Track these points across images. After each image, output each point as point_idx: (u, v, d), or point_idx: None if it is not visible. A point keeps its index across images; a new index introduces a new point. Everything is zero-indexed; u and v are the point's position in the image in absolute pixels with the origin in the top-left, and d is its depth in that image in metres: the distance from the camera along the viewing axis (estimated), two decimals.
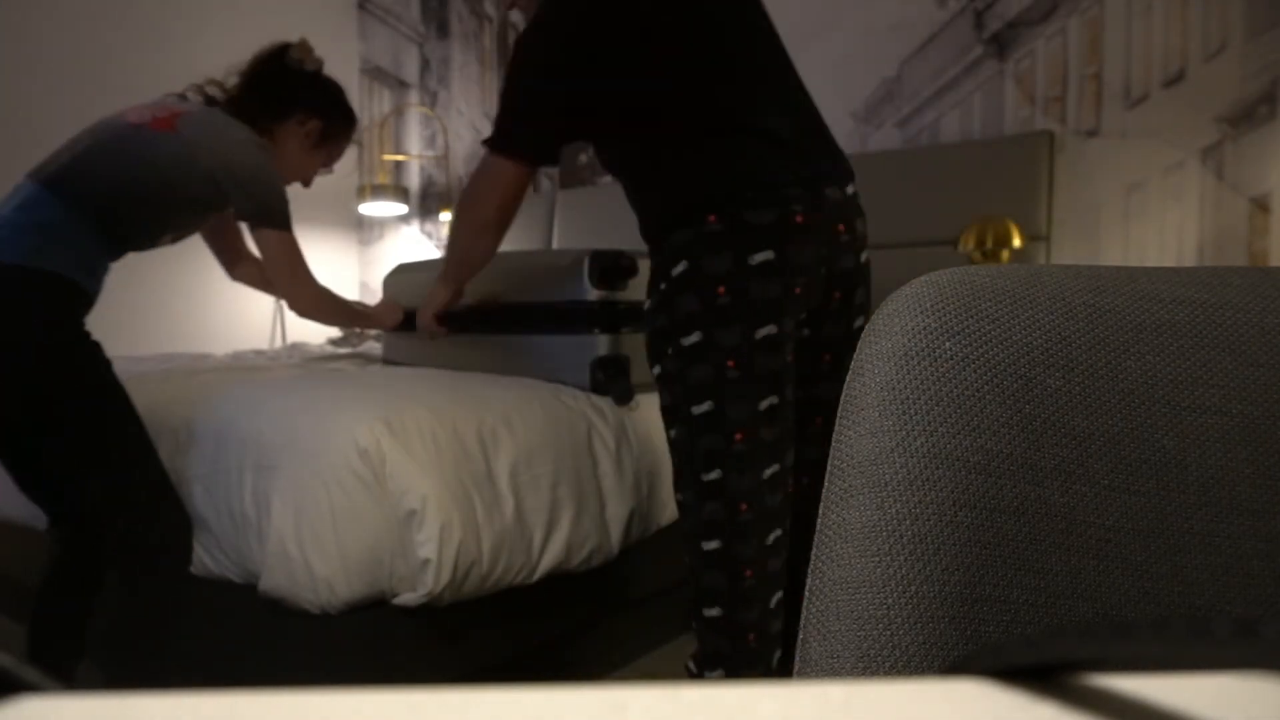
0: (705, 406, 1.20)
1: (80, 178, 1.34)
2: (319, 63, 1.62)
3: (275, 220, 1.47)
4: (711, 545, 1.22)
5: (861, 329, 1.35)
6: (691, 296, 1.20)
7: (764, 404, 1.20)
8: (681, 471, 1.25)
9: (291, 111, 1.57)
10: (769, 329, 1.19)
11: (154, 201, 1.40)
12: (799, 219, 1.20)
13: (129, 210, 1.38)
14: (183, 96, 1.55)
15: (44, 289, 1.28)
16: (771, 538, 1.23)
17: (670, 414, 1.26)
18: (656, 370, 1.28)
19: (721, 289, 1.18)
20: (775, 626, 1.26)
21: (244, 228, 1.63)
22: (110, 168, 1.36)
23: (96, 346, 1.36)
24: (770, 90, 1.28)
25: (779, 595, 1.25)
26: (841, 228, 1.27)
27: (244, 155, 1.44)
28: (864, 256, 1.33)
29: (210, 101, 1.55)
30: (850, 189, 1.31)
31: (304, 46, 1.59)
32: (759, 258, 1.18)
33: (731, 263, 1.18)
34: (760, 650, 1.24)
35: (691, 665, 1.29)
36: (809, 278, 1.22)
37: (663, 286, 1.24)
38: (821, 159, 1.29)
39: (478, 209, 1.37)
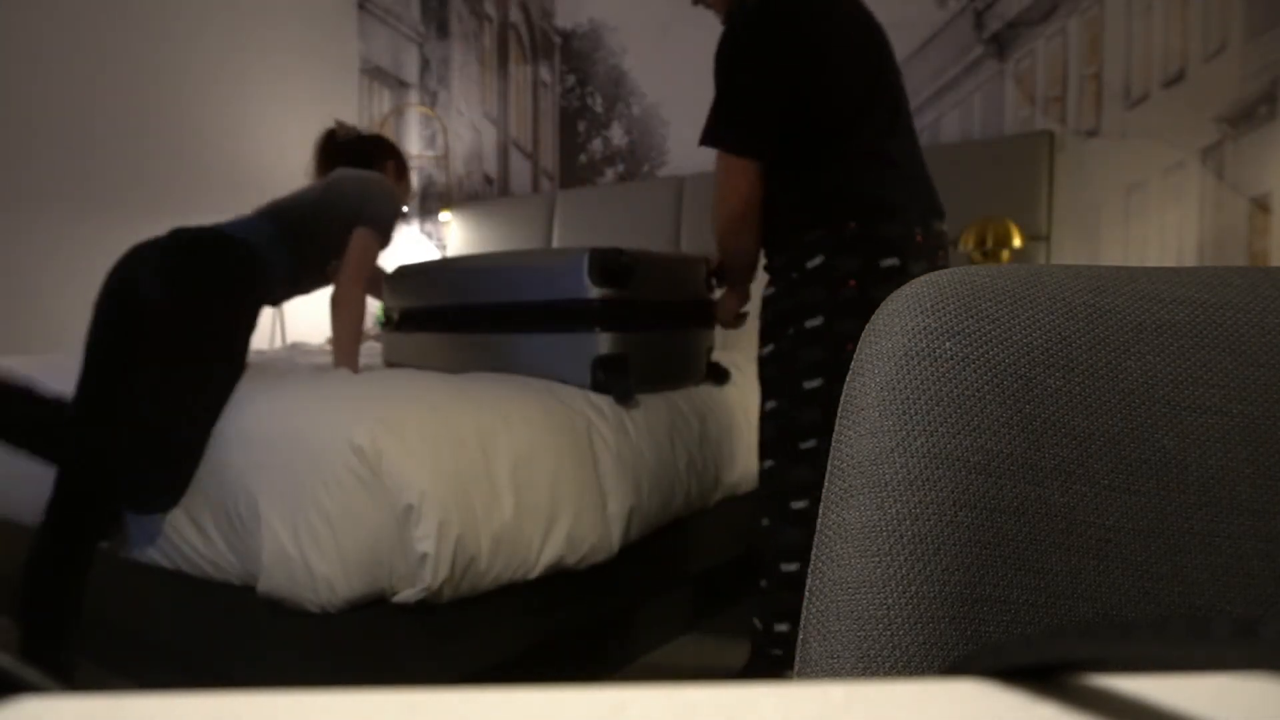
0: (816, 383, 1.38)
1: (282, 209, 1.86)
2: (354, 129, 2.19)
3: (370, 222, 1.86)
4: (800, 504, 1.39)
5: None
6: (822, 286, 1.38)
7: None
8: (775, 440, 1.42)
9: (375, 161, 2.10)
10: None
11: (321, 221, 1.85)
12: (919, 238, 1.43)
13: (307, 230, 1.84)
14: None
15: (245, 259, 1.69)
16: None
17: (774, 387, 1.43)
18: (768, 349, 1.46)
19: (852, 282, 1.37)
20: None
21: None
22: (295, 201, 1.88)
23: (250, 326, 1.70)
24: (901, 130, 1.51)
25: None
26: (941, 254, 1.50)
27: (366, 177, 1.96)
28: None
29: None
30: (944, 225, 1.55)
31: (341, 125, 2.17)
32: (886, 263, 1.38)
33: (862, 263, 1.37)
34: None
35: (757, 622, 1.44)
36: None
37: (794, 275, 1.42)
38: (930, 196, 1.52)
39: (726, 208, 1.48)
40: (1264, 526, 0.32)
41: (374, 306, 3.42)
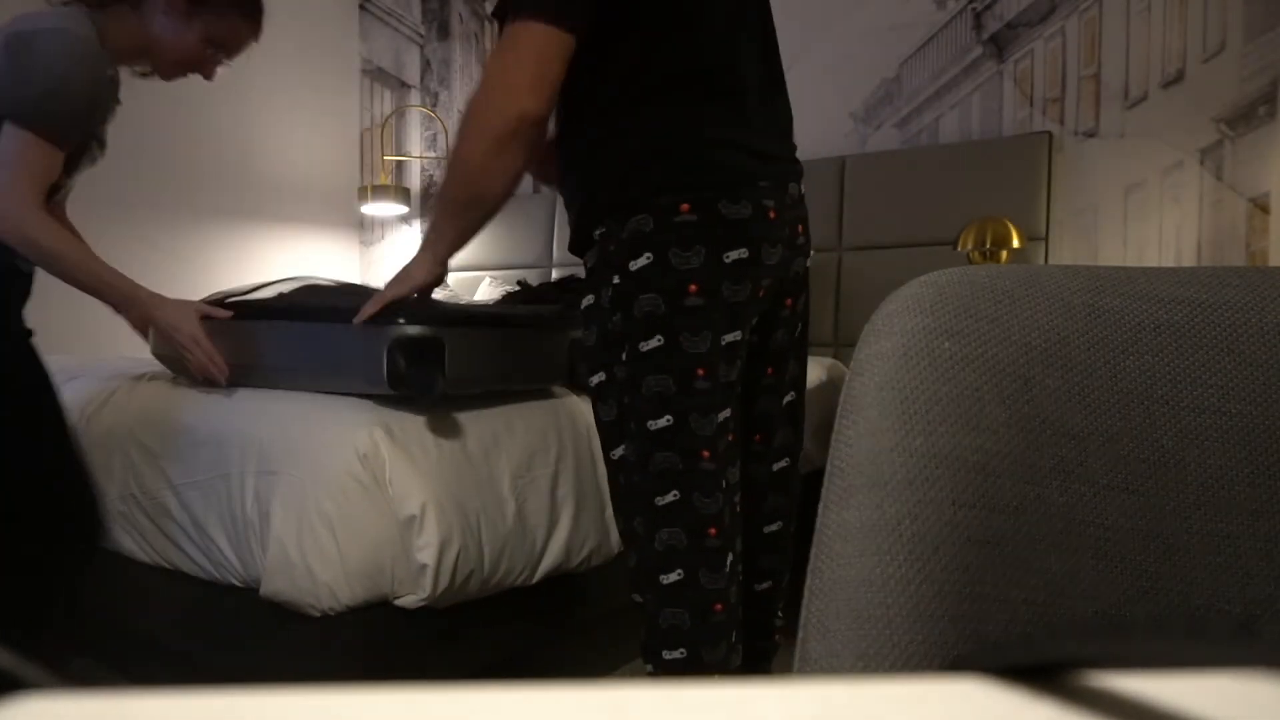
0: (663, 422, 1.04)
1: None
2: None
3: (16, 113, 1.20)
4: (672, 578, 1.05)
5: (805, 336, 1.23)
6: (656, 296, 1.03)
7: (721, 416, 1.06)
8: (628, 496, 1.09)
9: None
10: (734, 335, 1.06)
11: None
12: (772, 214, 1.06)
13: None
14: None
15: None
16: (728, 564, 1.07)
17: (614, 430, 1.11)
18: (598, 379, 1.12)
19: (693, 287, 1.03)
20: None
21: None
22: None
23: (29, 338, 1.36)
24: (753, 68, 1.12)
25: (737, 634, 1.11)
26: (800, 229, 1.15)
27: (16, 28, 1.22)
28: (808, 262, 1.21)
29: None
30: (803, 188, 1.18)
31: None
32: (733, 255, 1.04)
33: (704, 259, 1.03)
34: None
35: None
36: (772, 279, 1.10)
37: (616, 281, 1.06)
38: (787, 150, 1.16)
39: (496, 97, 1.01)
40: (1263, 526, 0.32)
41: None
